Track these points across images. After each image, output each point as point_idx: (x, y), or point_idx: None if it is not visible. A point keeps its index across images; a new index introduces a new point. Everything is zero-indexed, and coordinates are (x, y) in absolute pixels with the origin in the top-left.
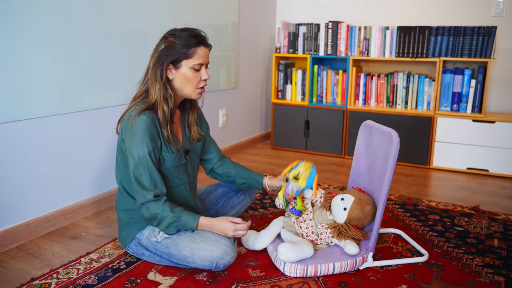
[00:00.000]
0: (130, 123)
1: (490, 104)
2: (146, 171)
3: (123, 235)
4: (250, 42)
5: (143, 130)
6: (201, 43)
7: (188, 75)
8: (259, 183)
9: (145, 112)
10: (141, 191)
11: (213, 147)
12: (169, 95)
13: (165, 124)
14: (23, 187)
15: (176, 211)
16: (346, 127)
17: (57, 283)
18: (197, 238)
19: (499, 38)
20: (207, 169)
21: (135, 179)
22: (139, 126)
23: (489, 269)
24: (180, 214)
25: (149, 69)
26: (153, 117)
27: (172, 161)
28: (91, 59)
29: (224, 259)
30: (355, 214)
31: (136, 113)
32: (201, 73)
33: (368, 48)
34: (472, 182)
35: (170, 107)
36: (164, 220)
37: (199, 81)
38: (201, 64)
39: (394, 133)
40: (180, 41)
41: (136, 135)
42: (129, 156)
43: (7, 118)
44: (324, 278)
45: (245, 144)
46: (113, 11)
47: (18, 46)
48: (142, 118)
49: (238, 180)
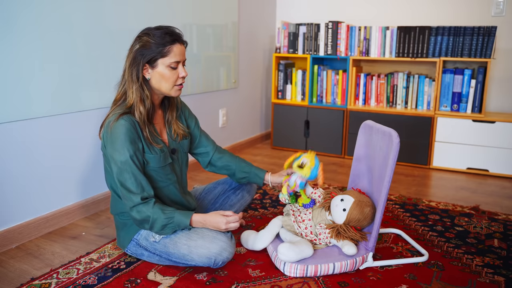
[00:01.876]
0: (110, 129)
1: (490, 104)
2: (131, 176)
3: (121, 237)
4: (250, 42)
5: (122, 136)
6: (176, 40)
7: (165, 74)
8: (260, 178)
9: (123, 116)
10: (128, 195)
11: (205, 140)
12: (145, 96)
13: (143, 125)
14: (23, 187)
15: (167, 212)
16: (346, 127)
17: (57, 283)
18: (194, 236)
19: (499, 38)
20: (205, 162)
21: (121, 185)
22: (118, 132)
23: (489, 269)
24: (172, 214)
25: (125, 71)
26: (132, 120)
27: (157, 162)
28: (91, 59)
29: (222, 255)
30: (354, 215)
31: (115, 118)
32: (178, 70)
33: (368, 48)
34: (472, 182)
35: (147, 107)
36: (156, 223)
37: (177, 79)
38: (177, 62)
39: (394, 133)
40: (154, 39)
41: (116, 141)
42: (112, 162)
43: (7, 118)
44: (324, 278)
45: (245, 144)
46: (113, 11)
47: (18, 46)
48: (121, 123)
49: (239, 174)
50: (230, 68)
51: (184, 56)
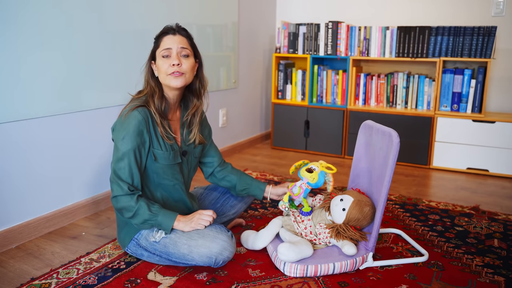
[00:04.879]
0: (123, 118)
1: (490, 104)
2: (126, 166)
3: (122, 236)
4: (250, 42)
5: (131, 127)
6: (167, 32)
7: (159, 64)
8: (261, 190)
9: (139, 108)
10: (118, 181)
11: (214, 151)
12: (157, 90)
13: (157, 118)
14: (23, 187)
15: (153, 209)
16: (346, 127)
17: (57, 283)
18: (195, 236)
19: (499, 38)
20: (207, 172)
21: (114, 172)
22: (129, 122)
23: (489, 269)
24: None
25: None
26: (146, 112)
27: (165, 159)
28: (91, 58)
29: (222, 255)
30: (353, 215)
31: (130, 108)
32: (171, 59)
33: (368, 48)
34: (472, 182)
35: (158, 101)
36: (139, 215)
37: (168, 67)
38: (168, 49)
39: (394, 133)
40: (155, 37)
41: (125, 130)
42: (114, 149)
43: (8, 118)
44: (324, 278)
45: (245, 144)
46: (114, 11)
47: (18, 46)
48: (134, 114)
49: (240, 186)
50: (230, 68)
51: (177, 44)
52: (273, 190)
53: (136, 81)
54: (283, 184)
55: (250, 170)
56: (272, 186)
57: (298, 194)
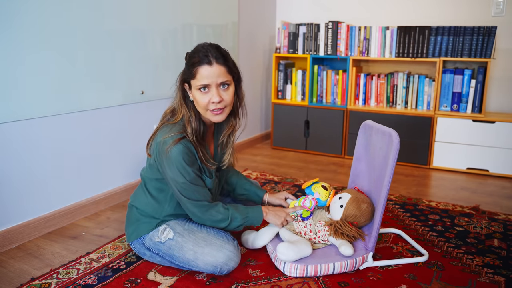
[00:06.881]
0: (167, 152)
1: (490, 104)
2: (194, 190)
3: (130, 230)
4: (250, 42)
5: (181, 160)
6: (203, 61)
7: (196, 96)
8: (259, 197)
9: (181, 141)
10: (197, 203)
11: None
12: (193, 115)
13: (196, 146)
14: (23, 187)
15: (241, 211)
16: (346, 127)
17: (57, 283)
18: (202, 242)
19: (499, 38)
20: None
21: (187, 198)
22: (176, 156)
23: (489, 269)
24: (246, 213)
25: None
26: (187, 145)
27: (210, 184)
28: (91, 58)
29: (228, 265)
30: (351, 211)
31: (172, 141)
32: (209, 94)
33: (368, 48)
34: (472, 182)
35: (195, 128)
36: (234, 222)
37: (208, 103)
38: (205, 85)
39: (394, 133)
40: (187, 60)
41: (177, 165)
42: (172, 182)
43: (7, 118)
44: (324, 278)
45: (245, 144)
46: (114, 10)
47: (17, 46)
48: (179, 148)
49: (239, 190)
50: None
51: (216, 78)
52: (269, 199)
53: (136, 81)
54: (279, 194)
55: (250, 170)
56: (268, 195)
57: (310, 207)
